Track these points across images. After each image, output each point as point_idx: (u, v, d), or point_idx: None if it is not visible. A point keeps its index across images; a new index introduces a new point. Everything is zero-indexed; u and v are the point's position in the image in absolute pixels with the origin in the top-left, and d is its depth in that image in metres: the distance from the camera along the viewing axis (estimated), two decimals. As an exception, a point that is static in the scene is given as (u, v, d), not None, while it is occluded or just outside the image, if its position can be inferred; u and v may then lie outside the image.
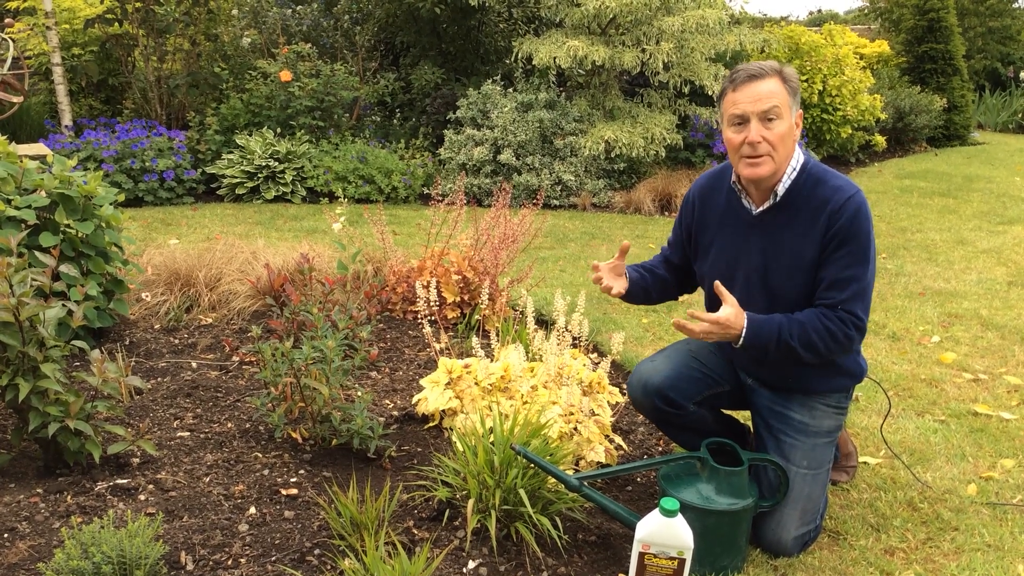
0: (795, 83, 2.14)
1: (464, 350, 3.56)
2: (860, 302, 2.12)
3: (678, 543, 1.93)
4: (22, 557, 2.02)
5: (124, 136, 6.87)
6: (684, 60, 7.70)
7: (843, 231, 2.10)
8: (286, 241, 5.25)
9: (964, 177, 9.12)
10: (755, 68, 2.11)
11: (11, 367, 2.25)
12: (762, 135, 2.09)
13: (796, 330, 2.12)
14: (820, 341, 2.12)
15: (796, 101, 2.15)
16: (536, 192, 7.15)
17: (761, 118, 2.09)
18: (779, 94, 2.09)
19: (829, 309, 2.13)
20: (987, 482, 2.67)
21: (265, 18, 8.78)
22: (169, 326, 3.73)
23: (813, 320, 2.13)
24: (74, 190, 3.21)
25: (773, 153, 2.11)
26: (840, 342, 2.12)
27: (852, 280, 2.11)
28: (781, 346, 2.13)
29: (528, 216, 4.08)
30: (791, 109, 2.13)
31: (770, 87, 2.09)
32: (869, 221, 2.12)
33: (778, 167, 2.14)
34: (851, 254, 2.10)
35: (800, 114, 2.18)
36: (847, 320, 2.11)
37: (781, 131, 2.10)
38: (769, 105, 2.08)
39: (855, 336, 2.13)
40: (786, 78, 2.13)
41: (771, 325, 2.13)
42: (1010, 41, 15.99)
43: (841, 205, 2.10)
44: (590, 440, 2.56)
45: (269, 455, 2.60)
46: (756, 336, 2.13)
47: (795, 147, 2.18)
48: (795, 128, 2.16)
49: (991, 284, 5.00)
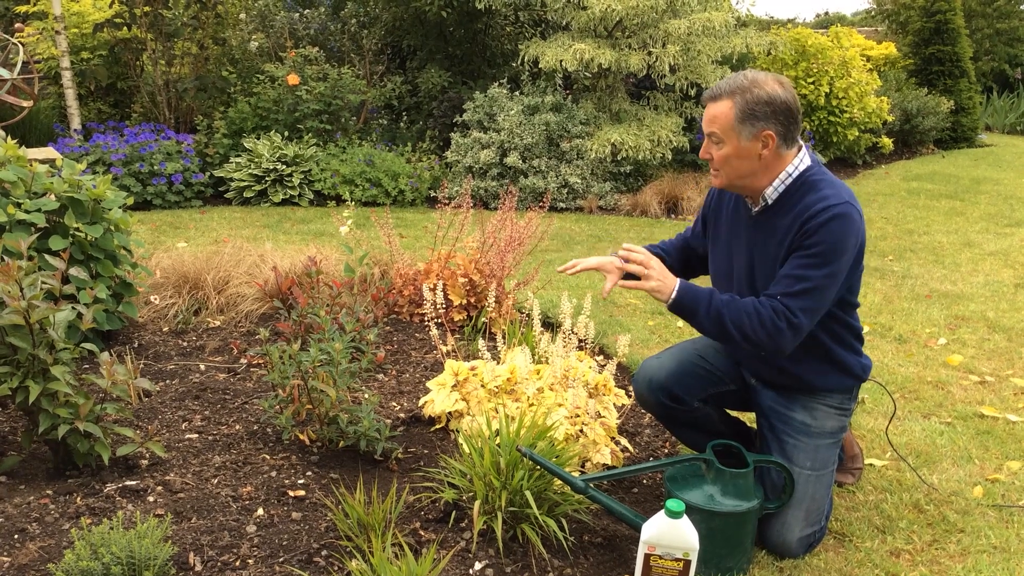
0: (755, 106, 2.10)
1: (470, 352, 3.57)
2: (801, 300, 2.10)
3: (683, 544, 1.94)
4: (32, 558, 2.04)
5: (133, 140, 6.91)
6: (690, 63, 7.70)
7: (808, 235, 2.10)
8: (293, 244, 5.28)
9: (971, 179, 9.10)
10: (717, 89, 2.16)
11: (21, 369, 2.27)
12: (709, 152, 2.20)
13: (727, 301, 2.17)
14: (748, 321, 2.12)
15: (752, 124, 2.11)
16: (542, 195, 7.16)
17: (708, 137, 2.19)
18: (721, 119, 2.13)
19: (767, 297, 2.15)
20: (993, 484, 2.67)
21: (273, 22, 8.82)
22: (177, 329, 3.75)
23: (748, 302, 2.16)
24: (83, 194, 3.24)
25: (721, 169, 2.20)
26: (767, 328, 2.11)
27: (800, 279, 2.10)
28: (711, 314, 2.16)
29: (534, 219, 4.09)
30: (737, 133, 2.12)
31: (715, 111, 2.15)
32: (844, 233, 2.08)
33: (732, 181, 2.21)
34: (808, 256, 2.10)
35: (768, 134, 2.12)
36: (780, 311, 2.11)
37: (723, 153, 2.16)
38: (710, 129, 2.17)
39: (784, 329, 2.11)
40: (744, 101, 2.10)
41: (703, 290, 2.20)
42: (1018, 43, 15.92)
43: (817, 212, 2.09)
44: (596, 442, 2.56)
45: (277, 457, 2.62)
46: (686, 294, 2.18)
47: (762, 163, 2.15)
48: (753, 148, 2.13)
49: (998, 286, 4.98)
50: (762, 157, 2.15)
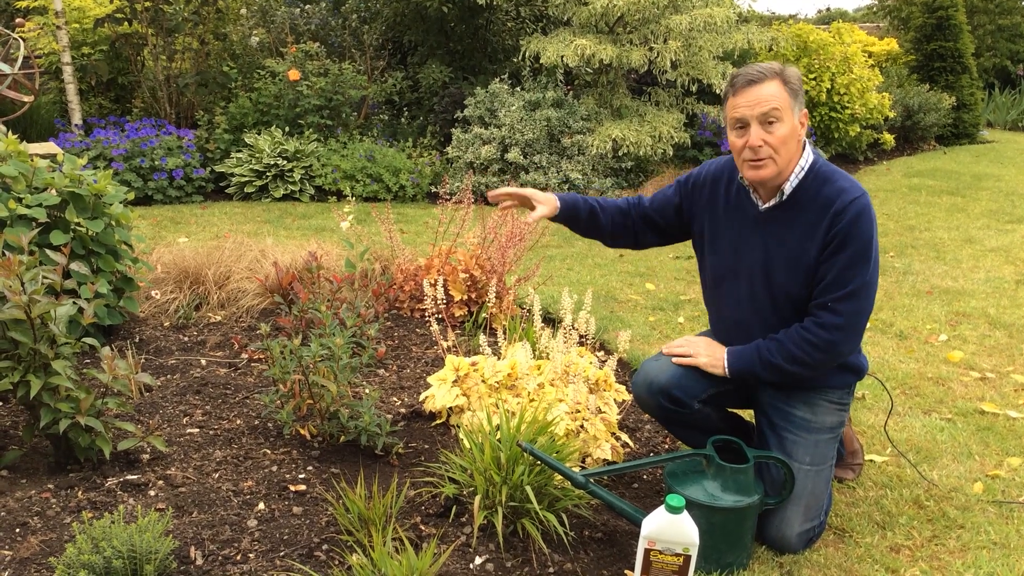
0: (797, 84, 2.14)
1: (471, 348, 3.57)
2: (853, 302, 2.13)
3: (684, 540, 1.94)
4: (34, 551, 2.04)
5: (133, 135, 6.91)
6: (692, 59, 7.69)
7: (844, 233, 2.11)
8: (294, 239, 5.28)
9: (973, 175, 9.09)
10: (755, 72, 2.12)
11: (23, 364, 2.27)
12: (763, 139, 2.11)
13: (774, 347, 2.20)
14: (803, 353, 2.17)
15: (799, 102, 2.15)
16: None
17: (761, 121, 2.11)
18: (779, 96, 2.10)
19: (814, 307, 2.17)
20: (993, 480, 2.67)
21: (273, 17, 8.80)
22: (178, 324, 3.76)
23: (793, 334, 2.18)
24: (84, 189, 3.24)
25: (775, 156, 2.12)
26: (823, 349, 2.16)
27: (851, 280, 2.12)
28: (767, 367, 2.21)
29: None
30: (793, 111, 2.13)
31: (770, 90, 2.10)
32: (872, 224, 2.13)
33: (782, 169, 2.15)
34: (851, 256, 2.12)
35: (805, 113, 2.18)
36: (828, 324, 2.14)
37: (783, 134, 2.11)
38: (768, 108, 2.09)
39: (839, 341, 2.14)
40: (787, 79, 2.13)
41: (750, 349, 2.24)
42: (1019, 39, 15.89)
43: (845, 207, 2.11)
44: (596, 438, 2.57)
45: (278, 452, 2.62)
46: (738, 360, 2.25)
47: (800, 147, 2.19)
48: (799, 128, 2.16)
49: (999, 283, 4.98)
50: (799, 140, 2.17)
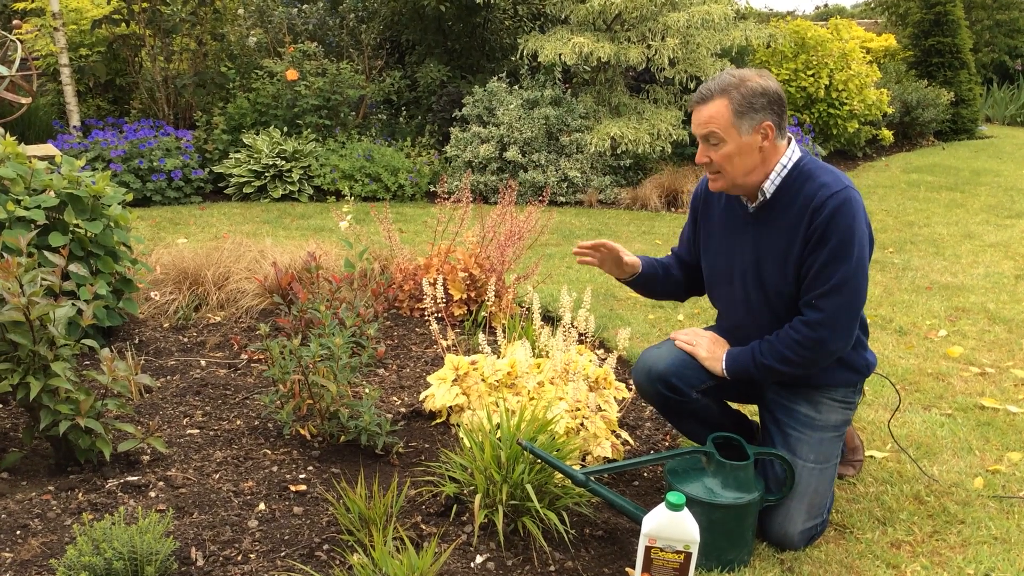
0: (750, 99, 2.12)
1: (471, 347, 3.57)
2: (835, 298, 2.13)
3: (684, 537, 1.94)
4: (35, 553, 2.04)
5: (132, 136, 6.90)
6: (690, 56, 7.69)
7: (823, 228, 2.11)
8: (293, 239, 5.27)
9: (971, 171, 9.09)
10: (705, 89, 2.16)
11: (22, 366, 2.27)
12: (708, 155, 2.18)
13: (766, 348, 2.22)
14: (792, 353, 2.18)
15: (750, 117, 2.12)
16: (542, 189, 7.15)
17: (704, 140, 2.18)
18: (718, 118, 2.13)
19: (801, 311, 2.20)
20: (994, 475, 2.67)
21: (271, 17, 8.80)
22: (178, 325, 3.76)
23: (783, 336, 2.21)
24: (83, 190, 3.24)
25: (722, 171, 2.19)
26: (810, 347, 2.16)
27: (832, 275, 2.12)
28: (760, 368, 2.23)
29: (534, 213, 4.08)
30: (736, 128, 2.13)
31: (709, 112, 2.14)
32: (855, 218, 2.11)
33: (735, 180, 2.19)
34: (832, 251, 2.11)
35: (767, 124, 2.14)
36: (813, 322, 2.15)
37: (725, 151, 2.15)
38: (707, 131, 2.16)
39: (826, 338, 2.15)
40: (734, 97, 2.11)
41: (745, 351, 2.27)
42: (1018, 34, 15.89)
43: (824, 202, 2.11)
44: (596, 435, 2.57)
45: (278, 452, 2.62)
46: (735, 361, 2.28)
47: (763, 154, 2.17)
48: (755, 141, 2.14)
49: (998, 278, 4.98)
50: (762, 149, 2.16)
